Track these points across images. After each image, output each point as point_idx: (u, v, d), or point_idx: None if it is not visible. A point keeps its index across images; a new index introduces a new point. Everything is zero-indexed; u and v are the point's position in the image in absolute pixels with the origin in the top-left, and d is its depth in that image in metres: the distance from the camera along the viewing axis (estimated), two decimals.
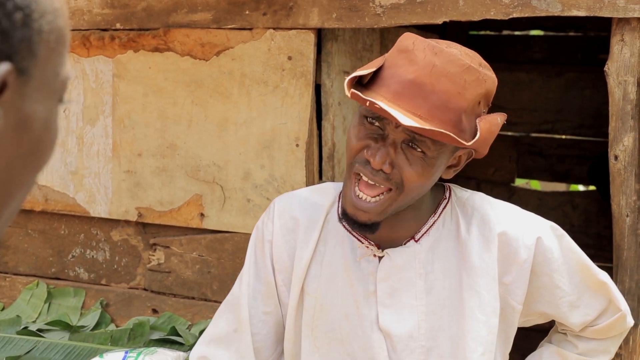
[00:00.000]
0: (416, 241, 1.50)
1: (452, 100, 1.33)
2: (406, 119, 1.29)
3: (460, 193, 1.55)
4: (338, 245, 1.53)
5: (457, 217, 1.51)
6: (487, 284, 1.47)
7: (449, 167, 1.45)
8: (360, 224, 1.41)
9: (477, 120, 1.37)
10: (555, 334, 1.68)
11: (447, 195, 1.54)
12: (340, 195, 1.55)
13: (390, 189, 1.38)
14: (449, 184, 1.57)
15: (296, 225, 1.55)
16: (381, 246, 1.51)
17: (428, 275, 1.49)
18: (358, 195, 1.39)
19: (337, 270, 1.52)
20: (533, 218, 1.55)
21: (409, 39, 1.38)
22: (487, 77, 1.37)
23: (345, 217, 1.43)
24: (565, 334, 1.65)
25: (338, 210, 1.52)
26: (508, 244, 1.49)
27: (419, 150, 1.36)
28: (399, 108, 1.32)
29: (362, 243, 1.51)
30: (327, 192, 1.58)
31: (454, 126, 1.34)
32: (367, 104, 1.30)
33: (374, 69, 1.38)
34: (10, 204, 0.66)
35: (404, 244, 1.50)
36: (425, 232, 1.50)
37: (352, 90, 1.32)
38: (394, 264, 1.49)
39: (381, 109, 1.29)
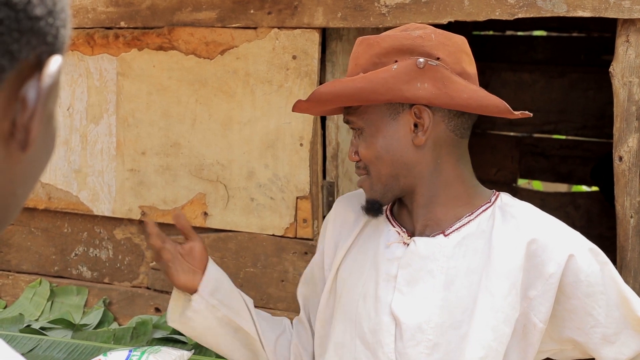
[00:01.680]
0: (445, 235, 1.50)
1: (352, 73, 1.49)
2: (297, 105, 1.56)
3: (507, 200, 1.53)
4: (376, 233, 1.59)
5: (493, 220, 1.49)
6: (504, 289, 1.43)
7: (415, 132, 1.48)
8: (367, 202, 1.54)
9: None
10: None
11: (493, 199, 1.53)
12: None
13: (366, 173, 1.53)
14: (501, 192, 1.57)
15: (347, 217, 1.66)
16: (413, 235, 1.53)
17: (450, 270, 1.47)
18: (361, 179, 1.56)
19: (368, 255, 1.57)
20: (572, 235, 1.50)
21: None
22: (381, 38, 1.49)
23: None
24: None
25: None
26: (536, 254, 1.44)
27: (356, 128, 1.51)
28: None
29: (394, 228, 1.56)
30: None
31: None
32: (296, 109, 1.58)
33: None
34: (27, 198, 0.70)
35: (432, 236, 1.51)
36: (456, 229, 1.50)
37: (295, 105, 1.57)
38: (417, 252, 1.49)
39: (298, 107, 1.56)
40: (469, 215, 1.50)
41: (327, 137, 2.30)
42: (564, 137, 5.02)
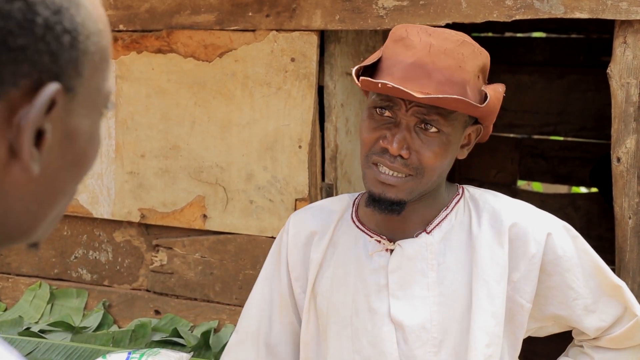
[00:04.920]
0: (428, 233, 1.51)
1: (455, 74, 1.37)
2: (419, 94, 1.33)
3: (473, 191, 1.57)
4: (351, 245, 1.55)
5: (469, 211, 1.52)
6: (496, 274, 1.46)
7: (462, 146, 1.48)
8: (388, 202, 1.42)
9: (482, 88, 1.42)
10: (572, 348, 1.65)
11: (460, 192, 1.56)
12: (354, 200, 1.60)
13: (410, 175, 1.40)
14: (462, 185, 1.60)
15: (309, 233, 1.59)
16: (393, 240, 1.52)
17: (440, 266, 1.49)
18: (383, 172, 1.41)
19: (349, 269, 1.54)
20: (545, 215, 1.55)
21: (401, 29, 1.44)
22: (481, 50, 1.44)
23: (373, 201, 1.43)
24: (581, 346, 1.62)
25: (352, 214, 1.57)
26: (518, 237, 1.48)
27: (433, 129, 1.39)
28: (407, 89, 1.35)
29: (372, 238, 1.53)
30: (342, 200, 1.63)
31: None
32: (380, 85, 1.33)
33: (376, 59, 1.43)
34: (54, 210, 0.71)
35: (416, 236, 1.51)
36: (437, 225, 1.51)
37: (362, 77, 1.36)
38: (405, 255, 1.49)
39: (394, 88, 1.32)
40: (445, 210, 1.52)
41: (325, 139, 2.31)
42: (563, 138, 5.03)
